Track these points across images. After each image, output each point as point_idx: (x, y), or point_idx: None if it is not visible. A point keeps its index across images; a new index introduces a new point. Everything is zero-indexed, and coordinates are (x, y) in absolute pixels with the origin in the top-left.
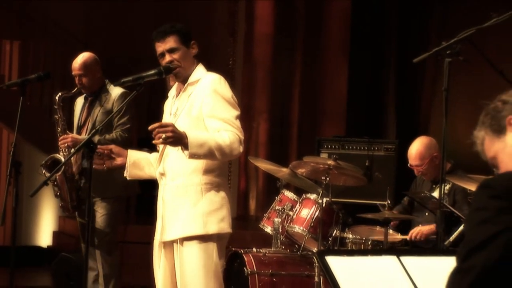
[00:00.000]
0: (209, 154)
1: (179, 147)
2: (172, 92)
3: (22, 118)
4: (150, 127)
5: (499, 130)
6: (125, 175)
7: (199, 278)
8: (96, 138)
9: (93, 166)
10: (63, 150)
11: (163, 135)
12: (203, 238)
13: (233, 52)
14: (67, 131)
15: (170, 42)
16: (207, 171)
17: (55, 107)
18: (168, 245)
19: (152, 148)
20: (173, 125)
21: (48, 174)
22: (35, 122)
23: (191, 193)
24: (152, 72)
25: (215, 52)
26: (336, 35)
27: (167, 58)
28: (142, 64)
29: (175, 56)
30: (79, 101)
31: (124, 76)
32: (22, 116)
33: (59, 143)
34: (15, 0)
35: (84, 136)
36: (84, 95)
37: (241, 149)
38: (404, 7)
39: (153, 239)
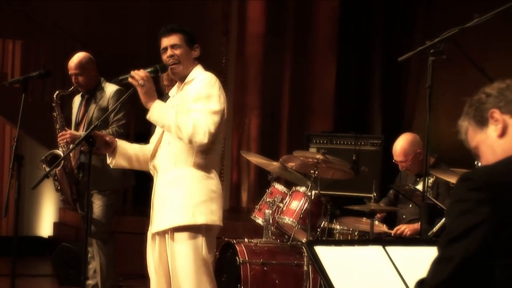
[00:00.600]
0: (166, 127)
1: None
2: (172, 92)
3: (24, 114)
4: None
5: (482, 122)
6: (108, 162)
7: (189, 270)
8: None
9: (82, 149)
10: (62, 146)
11: (142, 82)
12: (192, 229)
13: (226, 51)
14: (66, 128)
15: (174, 39)
16: (197, 165)
17: (53, 104)
18: (161, 236)
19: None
20: (152, 85)
21: (48, 169)
22: (37, 118)
23: (182, 185)
24: (149, 69)
25: (209, 50)
26: (324, 35)
27: (169, 52)
28: (139, 63)
29: (177, 52)
30: (77, 99)
31: (122, 75)
32: (24, 112)
33: (58, 139)
34: (18, 0)
35: (81, 132)
36: (81, 93)
37: (206, 139)
38: (390, 7)
39: (147, 230)
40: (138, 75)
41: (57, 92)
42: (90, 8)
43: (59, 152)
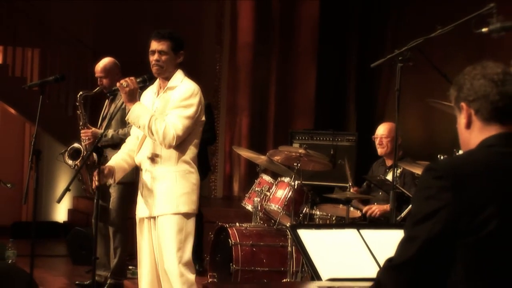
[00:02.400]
0: (142, 128)
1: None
2: (153, 88)
3: (42, 113)
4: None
5: (458, 107)
6: (110, 183)
7: (173, 246)
8: (110, 133)
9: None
10: (84, 140)
11: (125, 84)
12: (176, 216)
13: (220, 58)
14: (87, 125)
15: (163, 46)
16: (181, 160)
17: (77, 104)
18: (148, 220)
19: None
20: (136, 87)
21: (70, 162)
22: (53, 117)
23: (167, 178)
24: (139, 79)
25: (205, 58)
26: (305, 43)
27: (156, 56)
28: (145, 68)
29: (162, 58)
30: (106, 100)
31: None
32: (41, 111)
33: (81, 135)
34: (36, 14)
35: (101, 130)
36: (107, 95)
37: (173, 142)
38: (364, 17)
39: (135, 215)
40: (123, 80)
41: (80, 92)
42: (101, 19)
43: (80, 146)
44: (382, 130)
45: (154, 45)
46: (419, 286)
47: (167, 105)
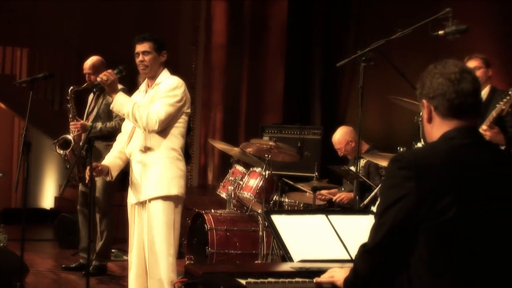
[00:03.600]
0: (126, 115)
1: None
2: (142, 87)
3: (30, 108)
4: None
5: (421, 103)
6: (108, 179)
7: (162, 229)
8: (99, 126)
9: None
10: (73, 132)
11: (105, 78)
12: (166, 199)
13: (196, 58)
14: (77, 118)
15: (145, 46)
16: (170, 149)
17: (68, 97)
18: (139, 205)
19: None
20: (115, 78)
21: (60, 151)
22: (40, 112)
23: (158, 164)
24: (116, 70)
25: (182, 57)
26: (274, 44)
27: (140, 57)
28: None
29: (146, 58)
30: (91, 95)
31: None
32: (31, 107)
33: (70, 126)
34: (25, 15)
35: (89, 123)
36: (93, 90)
37: (156, 126)
38: (328, 20)
39: (126, 202)
40: (103, 74)
41: (71, 87)
42: (84, 22)
43: (70, 137)
44: (333, 140)
45: (138, 47)
46: (389, 267)
47: (154, 98)
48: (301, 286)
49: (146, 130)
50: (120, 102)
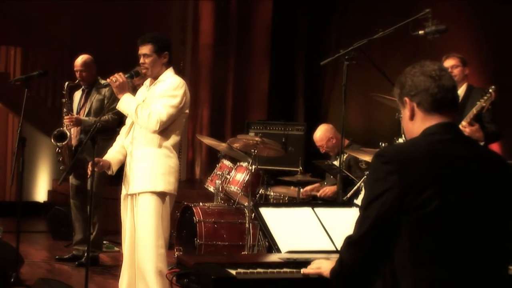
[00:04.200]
0: (130, 115)
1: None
2: (147, 82)
3: (26, 106)
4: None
5: (401, 102)
6: (109, 173)
7: (150, 223)
8: (93, 120)
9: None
10: (68, 125)
11: (114, 79)
12: (153, 194)
13: (184, 57)
14: (71, 112)
15: (145, 49)
16: (161, 145)
17: (63, 92)
18: (131, 197)
19: None
20: (124, 80)
21: (57, 143)
22: (33, 108)
23: (148, 160)
24: (127, 74)
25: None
26: (259, 44)
27: (141, 60)
28: (114, 66)
29: (146, 60)
30: (77, 94)
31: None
32: (25, 104)
33: (65, 120)
34: (18, 15)
35: (83, 117)
36: (82, 88)
37: (157, 127)
38: (311, 22)
39: (117, 195)
40: (113, 76)
41: (67, 82)
42: (76, 21)
43: (65, 130)
44: (315, 138)
45: (140, 49)
46: (374, 258)
47: (153, 96)
48: (288, 276)
49: (148, 129)
50: (125, 102)
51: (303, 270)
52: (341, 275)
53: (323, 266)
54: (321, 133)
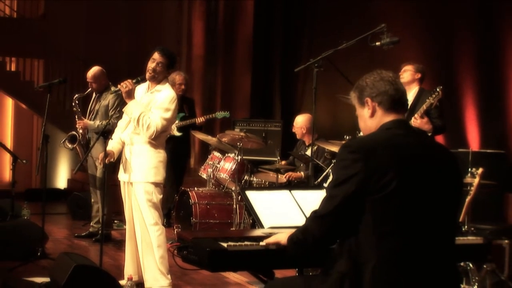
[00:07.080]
0: (133, 119)
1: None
2: (145, 85)
3: (48, 108)
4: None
5: (361, 103)
6: (112, 160)
7: (144, 203)
8: (96, 123)
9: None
10: (79, 129)
11: (124, 85)
12: (146, 183)
13: (179, 67)
14: (82, 118)
15: (161, 59)
16: (151, 144)
17: (73, 104)
18: (128, 184)
19: None
20: (133, 87)
21: (69, 145)
22: (54, 111)
23: (141, 155)
24: (134, 80)
25: None
26: (242, 54)
27: (154, 65)
28: (120, 75)
29: (158, 68)
30: (93, 96)
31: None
32: (48, 106)
33: (77, 125)
34: (42, 34)
35: (88, 121)
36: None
37: (152, 136)
38: (285, 35)
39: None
40: (124, 82)
41: (76, 95)
42: (90, 36)
43: (76, 133)
44: (296, 121)
45: (156, 56)
46: (339, 231)
47: (151, 102)
48: (271, 248)
49: (145, 135)
50: (132, 107)
51: (264, 241)
52: (303, 242)
53: (280, 236)
54: (302, 121)
